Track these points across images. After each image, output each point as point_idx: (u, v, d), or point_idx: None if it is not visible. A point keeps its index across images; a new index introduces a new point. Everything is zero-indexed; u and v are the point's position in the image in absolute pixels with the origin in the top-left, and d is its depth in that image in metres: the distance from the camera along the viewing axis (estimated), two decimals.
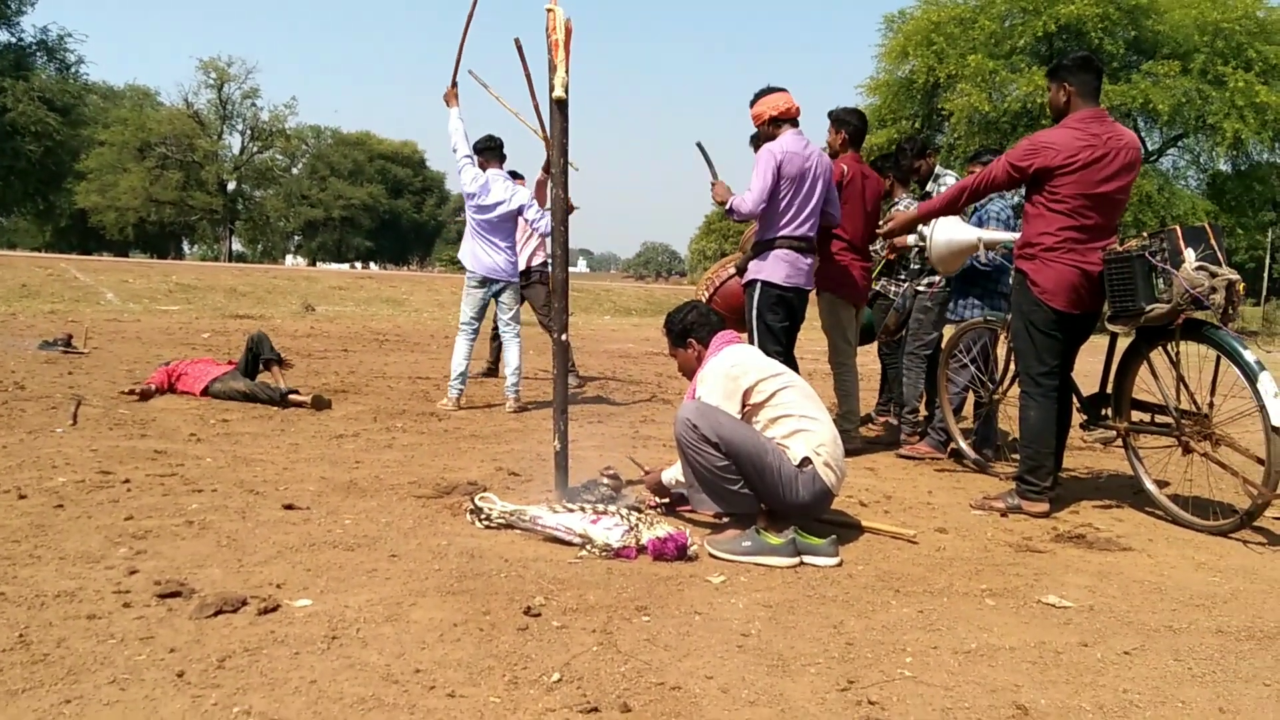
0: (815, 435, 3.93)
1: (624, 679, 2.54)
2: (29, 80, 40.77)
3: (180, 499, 4.20)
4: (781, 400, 3.99)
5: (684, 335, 4.39)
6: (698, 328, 4.36)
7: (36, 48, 43.50)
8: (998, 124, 30.56)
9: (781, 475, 3.85)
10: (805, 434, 3.92)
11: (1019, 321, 4.77)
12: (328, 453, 5.40)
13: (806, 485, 3.86)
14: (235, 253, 66.40)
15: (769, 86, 5.77)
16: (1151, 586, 3.63)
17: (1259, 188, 32.82)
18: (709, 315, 4.41)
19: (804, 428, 3.93)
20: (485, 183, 7.32)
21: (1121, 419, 4.88)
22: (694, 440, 3.86)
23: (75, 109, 44.16)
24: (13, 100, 39.42)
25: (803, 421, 3.95)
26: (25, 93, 39.98)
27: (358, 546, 3.61)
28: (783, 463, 3.86)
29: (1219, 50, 29.66)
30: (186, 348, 10.60)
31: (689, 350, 4.38)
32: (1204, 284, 4.23)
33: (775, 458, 3.85)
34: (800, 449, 3.89)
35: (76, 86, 45.21)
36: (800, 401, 4.01)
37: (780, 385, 4.02)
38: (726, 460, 3.82)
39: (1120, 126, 4.65)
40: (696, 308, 4.48)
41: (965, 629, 3.06)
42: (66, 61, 44.81)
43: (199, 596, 2.96)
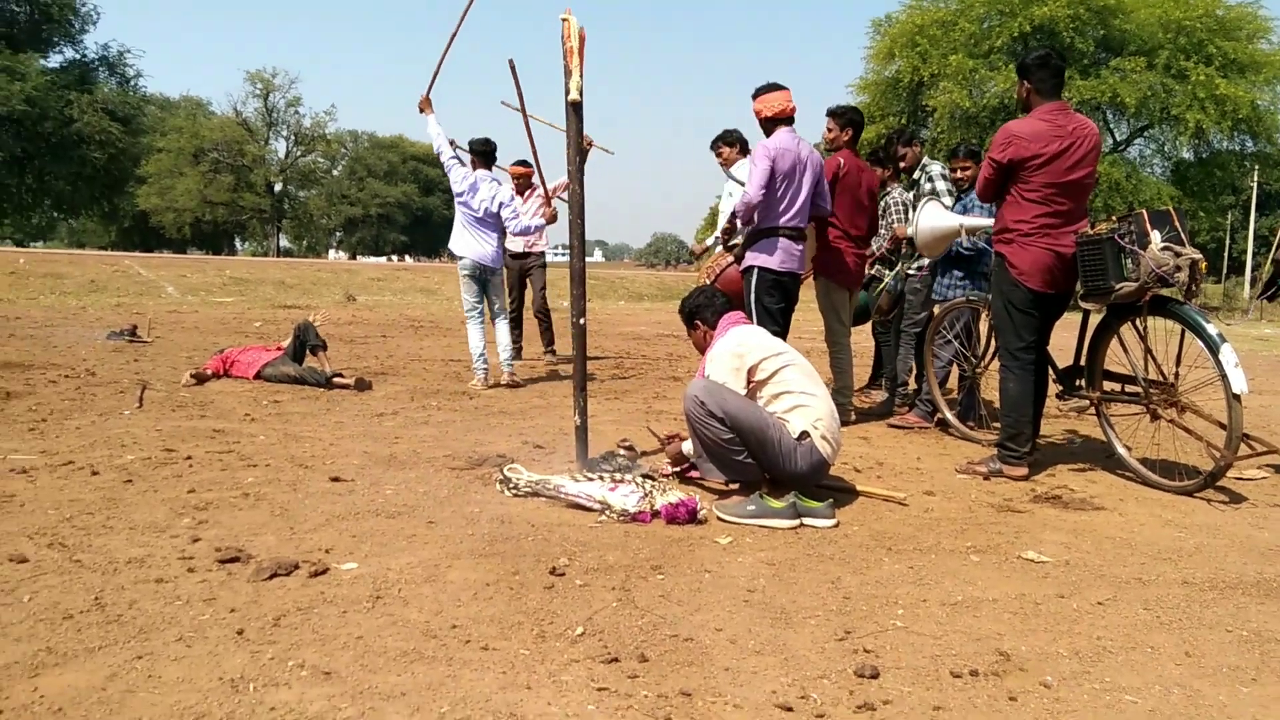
0: (813, 410, 3.91)
1: (641, 632, 2.55)
2: (93, 93, 40.78)
3: (237, 473, 4.22)
4: (783, 377, 3.97)
5: (692, 317, 4.41)
6: (703, 310, 4.36)
7: (99, 63, 43.50)
8: (977, 119, 30.30)
9: (782, 447, 3.84)
10: (804, 409, 3.91)
11: (998, 301, 4.74)
12: (370, 429, 5.42)
13: (805, 456, 3.86)
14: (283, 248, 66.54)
15: (772, 84, 5.72)
16: (1122, 542, 3.62)
17: (1219, 174, 32.49)
18: (714, 298, 4.41)
19: (803, 403, 3.92)
20: (474, 182, 7.36)
21: (1094, 389, 4.85)
22: (701, 415, 3.85)
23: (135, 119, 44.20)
24: (78, 112, 39.44)
25: (802, 397, 3.93)
26: (90, 105, 40.00)
27: (398, 514, 3.63)
28: (783, 436, 3.85)
29: (1182, 46, 29.29)
30: (240, 336, 10.63)
31: (698, 331, 4.39)
32: (1169, 263, 4.20)
33: (776, 431, 3.85)
34: (799, 423, 3.87)
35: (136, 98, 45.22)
36: (800, 379, 3.99)
37: (782, 364, 4.00)
38: (731, 433, 3.81)
39: (1082, 117, 4.62)
40: (703, 292, 4.47)
41: (952, 583, 3.06)
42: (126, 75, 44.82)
43: (255, 561, 2.98)
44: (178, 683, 2.17)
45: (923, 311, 6.34)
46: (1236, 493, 4.52)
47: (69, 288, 17.28)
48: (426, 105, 7.22)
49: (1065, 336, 5.15)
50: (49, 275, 18.41)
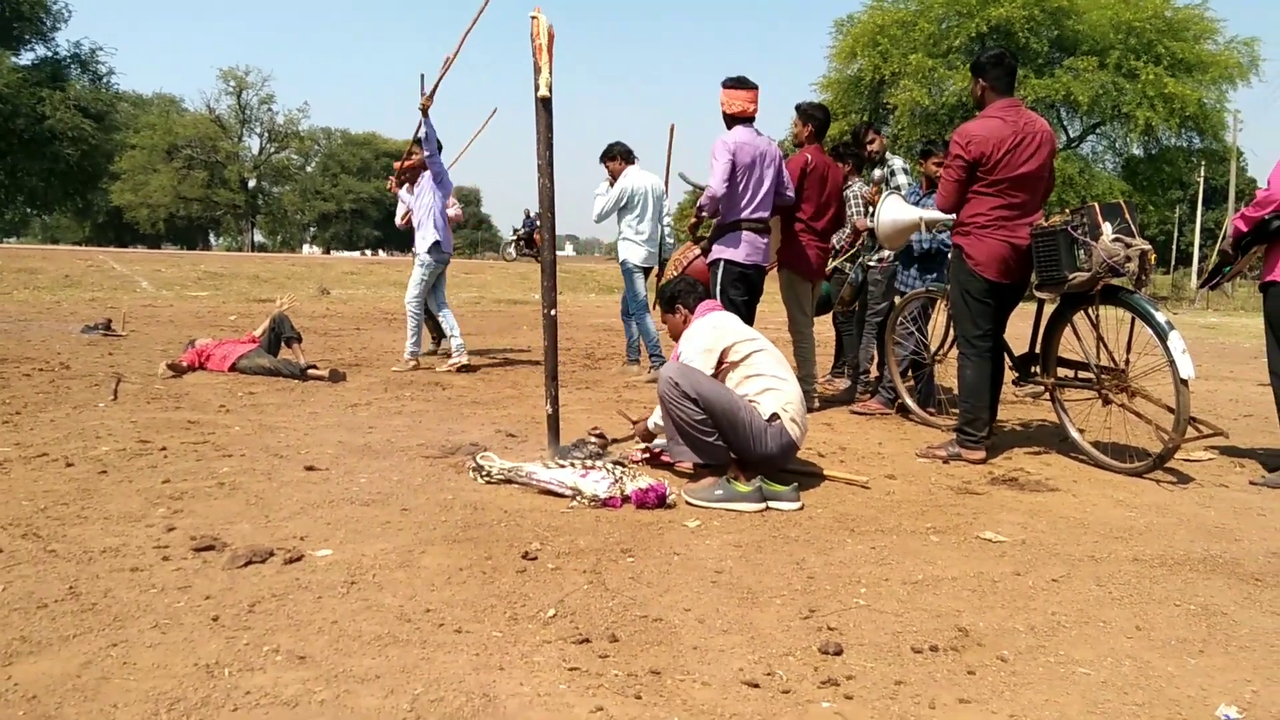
0: (783, 394, 3.94)
1: (611, 613, 2.55)
2: (65, 90, 39.95)
3: (212, 463, 4.17)
4: (754, 362, 4.01)
5: (672, 301, 4.44)
6: (684, 295, 4.42)
7: (71, 60, 42.61)
8: (937, 116, 30.54)
9: (753, 429, 3.86)
10: (774, 392, 3.93)
11: (956, 291, 4.77)
12: (344, 419, 5.37)
13: (774, 438, 3.88)
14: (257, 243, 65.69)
15: (743, 79, 5.71)
16: (1076, 522, 3.67)
17: (1168, 169, 32.99)
18: (695, 285, 4.48)
19: (773, 386, 3.95)
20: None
21: (1049, 375, 4.90)
22: (675, 396, 3.87)
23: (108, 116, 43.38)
24: (51, 109, 38.65)
25: (773, 381, 3.96)
26: (62, 102, 39.21)
27: (372, 502, 3.60)
28: (754, 417, 3.87)
29: (1132, 46, 29.66)
30: (215, 329, 10.49)
31: (677, 315, 4.43)
32: (1120, 254, 4.25)
33: (747, 413, 3.87)
34: (770, 405, 3.90)
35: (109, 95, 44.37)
36: (771, 363, 4.03)
37: (754, 349, 4.04)
38: (704, 414, 3.83)
39: (1032, 113, 4.67)
40: (685, 280, 4.54)
41: (912, 562, 3.08)
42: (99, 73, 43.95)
43: (231, 549, 2.95)
44: (152, 669, 2.14)
45: (884, 302, 6.38)
46: (1184, 473, 4.59)
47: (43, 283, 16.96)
48: (429, 104, 7.15)
49: (1021, 325, 5.20)
50: (22, 270, 18.06)
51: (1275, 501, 4.12)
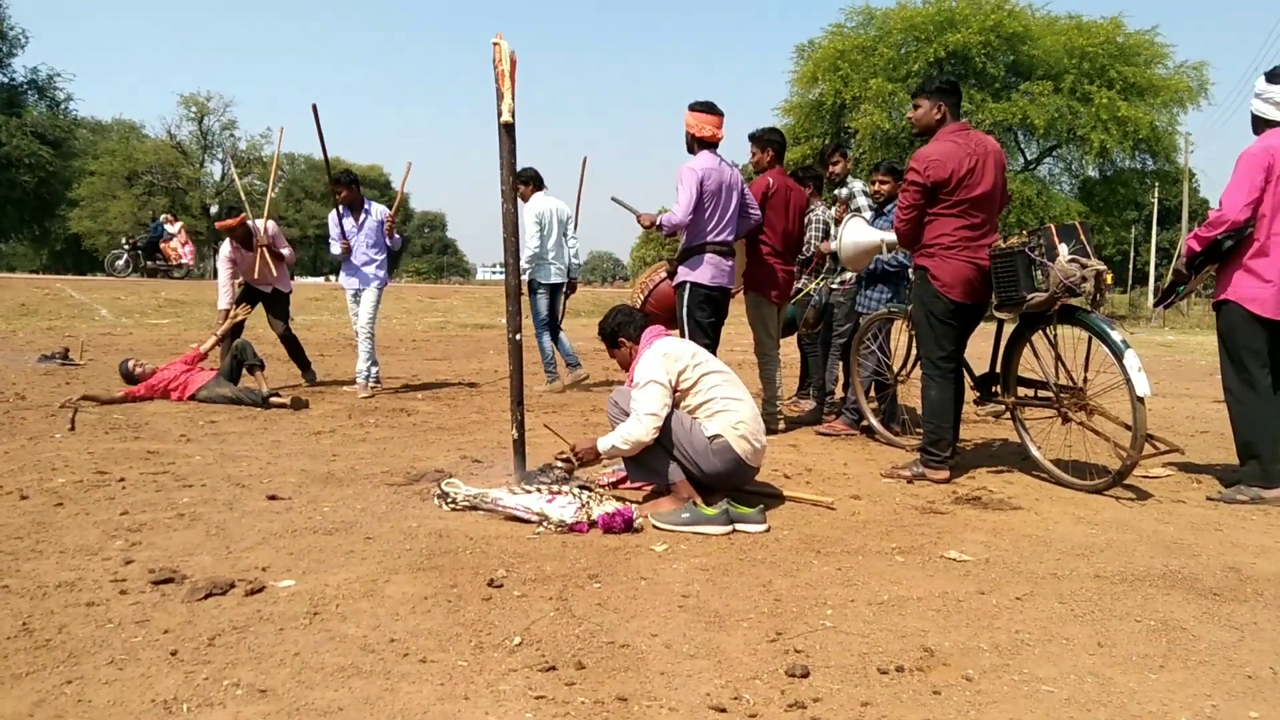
0: (734, 414, 3.94)
1: (578, 640, 2.53)
2: (22, 117, 39.41)
3: (172, 494, 4.10)
4: (704, 385, 4.01)
5: (614, 336, 4.39)
6: (625, 326, 4.37)
7: (28, 87, 42.06)
8: (897, 139, 30.97)
9: (694, 446, 3.88)
10: (725, 414, 3.93)
11: (920, 311, 4.81)
12: (307, 448, 5.31)
13: (719, 454, 3.87)
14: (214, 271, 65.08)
15: (710, 104, 5.76)
16: (1039, 540, 3.70)
17: (1123, 191, 33.68)
18: (633, 314, 4.42)
19: (725, 408, 3.94)
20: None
21: (1009, 395, 4.96)
22: (619, 416, 3.99)
23: (66, 142, 42.84)
24: (6, 135, 38.08)
25: (725, 403, 3.96)
26: (19, 128, 38.66)
27: (336, 531, 3.56)
28: (694, 436, 3.89)
29: (1085, 71, 30.34)
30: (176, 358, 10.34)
31: (623, 349, 4.37)
32: (1076, 274, 4.32)
33: (685, 432, 3.89)
34: (715, 426, 3.90)
35: (67, 121, 43.85)
36: (722, 384, 4.02)
37: (703, 372, 4.03)
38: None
39: (981, 134, 4.75)
40: (620, 310, 4.47)
41: (878, 583, 3.10)
42: (56, 99, 43.43)
43: (190, 581, 2.90)
44: (108, 706, 2.09)
45: (847, 323, 6.43)
46: (1143, 490, 4.65)
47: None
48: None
49: (980, 345, 5.27)
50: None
51: (1232, 517, 4.19)
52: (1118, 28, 30.92)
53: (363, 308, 7.74)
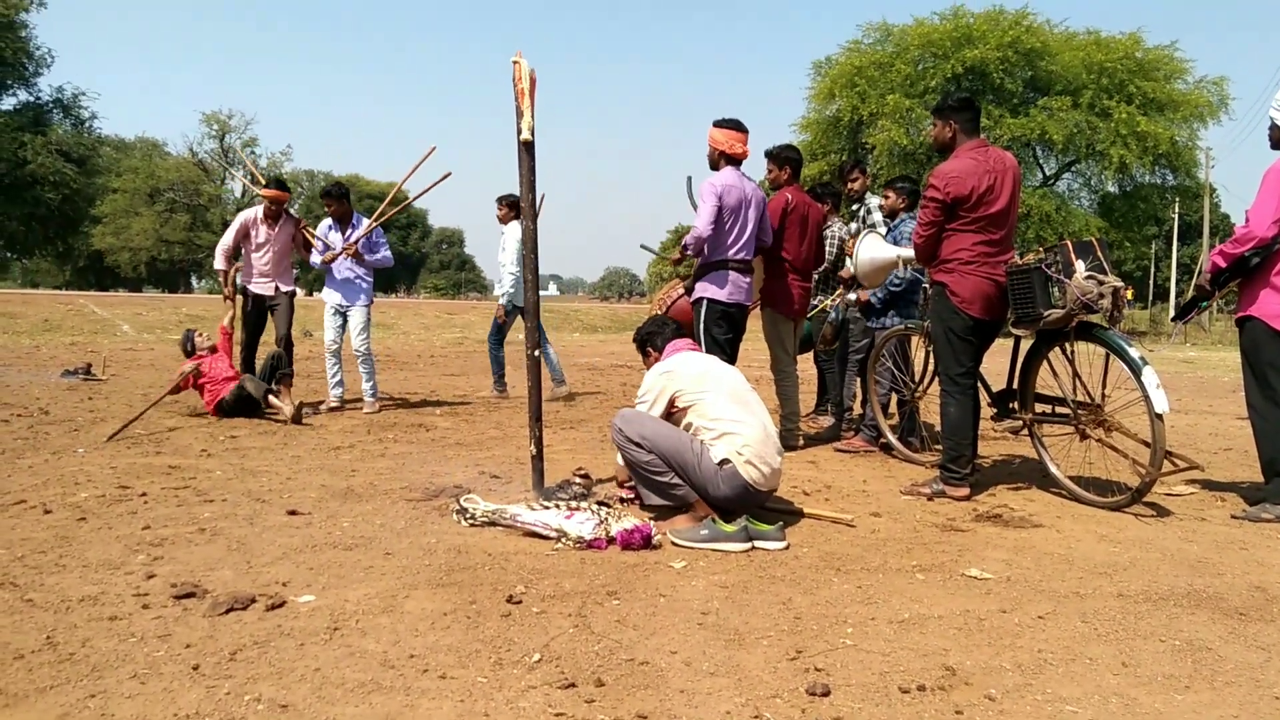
0: (740, 437, 3.88)
1: (597, 657, 2.53)
2: (47, 135, 39.96)
3: (193, 509, 4.13)
4: (704, 409, 3.97)
5: (643, 345, 4.48)
6: (654, 337, 4.45)
7: (53, 105, 42.64)
8: (915, 155, 30.94)
9: (702, 471, 3.86)
10: (730, 436, 3.88)
11: (939, 328, 4.80)
12: (326, 463, 5.34)
13: (727, 481, 3.84)
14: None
15: (736, 121, 5.79)
16: (1060, 558, 3.68)
17: (1143, 206, 33.45)
18: (665, 326, 4.47)
19: (730, 430, 3.89)
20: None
21: (1026, 411, 4.94)
22: (623, 441, 3.98)
23: (90, 160, 43.37)
24: (32, 153, 38.61)
25: (729, 425, 3.90)
26: (44, 146, 39.20)
27: (355, 546, 3.57)
28: (702, 460, 3.86)
29: (1104, 86, 30.22)
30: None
31: (650, 358, 4.43)
32: (1093, 291, 4.30)
33: (695, 456, 3.87)
34: (722, 451, 3.86)
35: (90, 140, 44.40)
36: (727, 406, 3.96)
37: (701, 394, 4.00)
38: (651, 455, 3.89)
39: (999, 150, 4.75)
40: (654, 320, 4.55)
41: (899, 601, 3.08)
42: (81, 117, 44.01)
43: (211, 596, 2.92)
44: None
45: (864, 339, 6.42)
46: (1166, 508, 4.61)
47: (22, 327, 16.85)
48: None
49: (998, 361, 5.24)
50: (2, 315, 17.95)
51: (1257, 535, 4.15)
52: (1136, 43, 30.82)
53: (354, 329, 7.78)
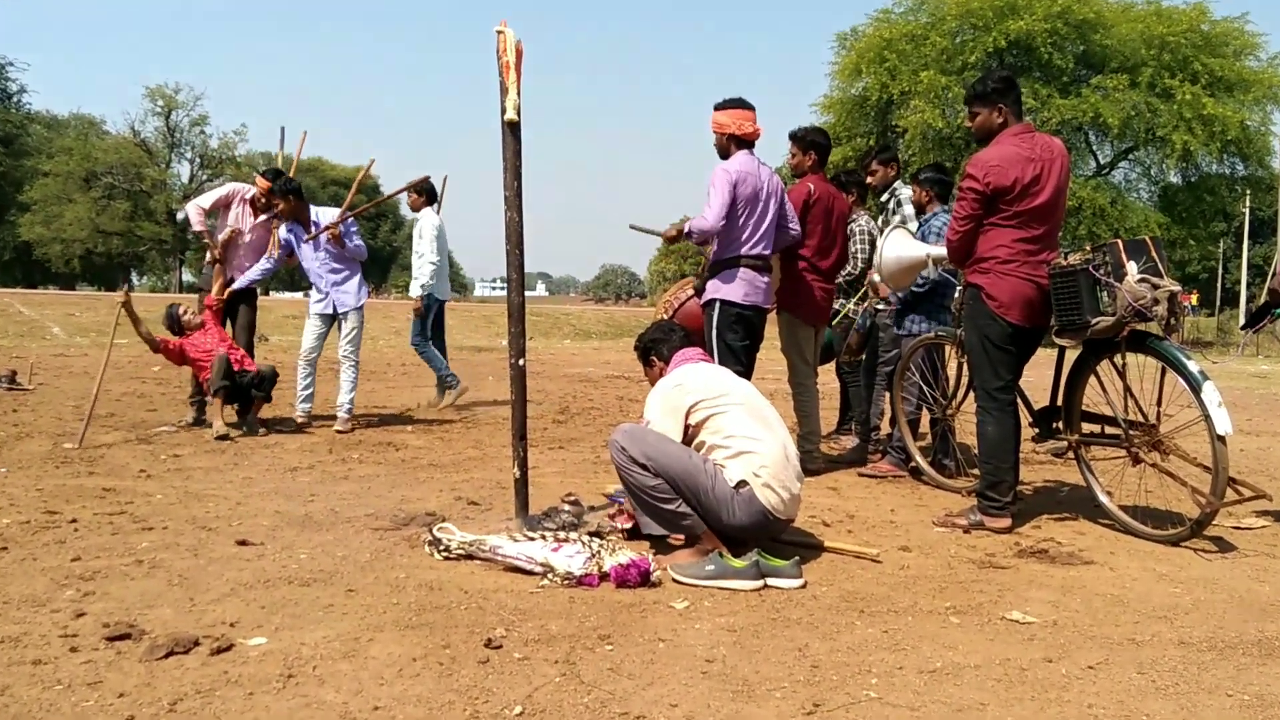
0: (758, 457, 3.88)
1: (587, 710, 2.53)
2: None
3: (130, 538, 4.13)
4: (718, 425, 3.96)
5: (646, 354, 4.47)
6: (658, 345, 4.43)
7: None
8: (951, 140, 31.00)
9: (716, 495, 3.85)
10: (747, 455, 3.88)
11: (973, 336, 4.80)
12: (282, 486, 5.34)
13: (743, 506, 3.84)
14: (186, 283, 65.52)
15: (738, 99, 5.79)
16: (1114, 599, 3.67)
17: (1209, 199, 33.45)
18: (671, 333, 4.45)
19: (746, 449, 3.90)
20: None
21: (1072, 431, 4.94)
22: (625, 462, 3.93)
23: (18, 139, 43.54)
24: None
25: (746, 443, 3.91)
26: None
27: (313, 581, 3.57)
28: (716, 483, 3.85)
29: (1166, 63, 30.29)
30: (136, 381, 10.45)
31: (654, 369, 4.42)
32: (1146, 296, 4.29)
33: (708, 478, 3.86)
34: (738, 471, 3.86)
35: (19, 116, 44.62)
36: (744, 422, 3.97)
37: (718, 409, 3.99)
38: (658, 480, 3.86)
39: (1046, 136, 4.76)
40: (659, 327, 4.53)
41: (930, 648, 3.08)
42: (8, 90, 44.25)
43: (149, 638, 2.91)
44: None
45: (893, 349, 6.41)
46: (1233, 543, 4.61)
47: None
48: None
49: (1042, 374, 5.24)
50: None
51: None
52: (1203, 14, 30.90)
53: (346, 334, 7.82)
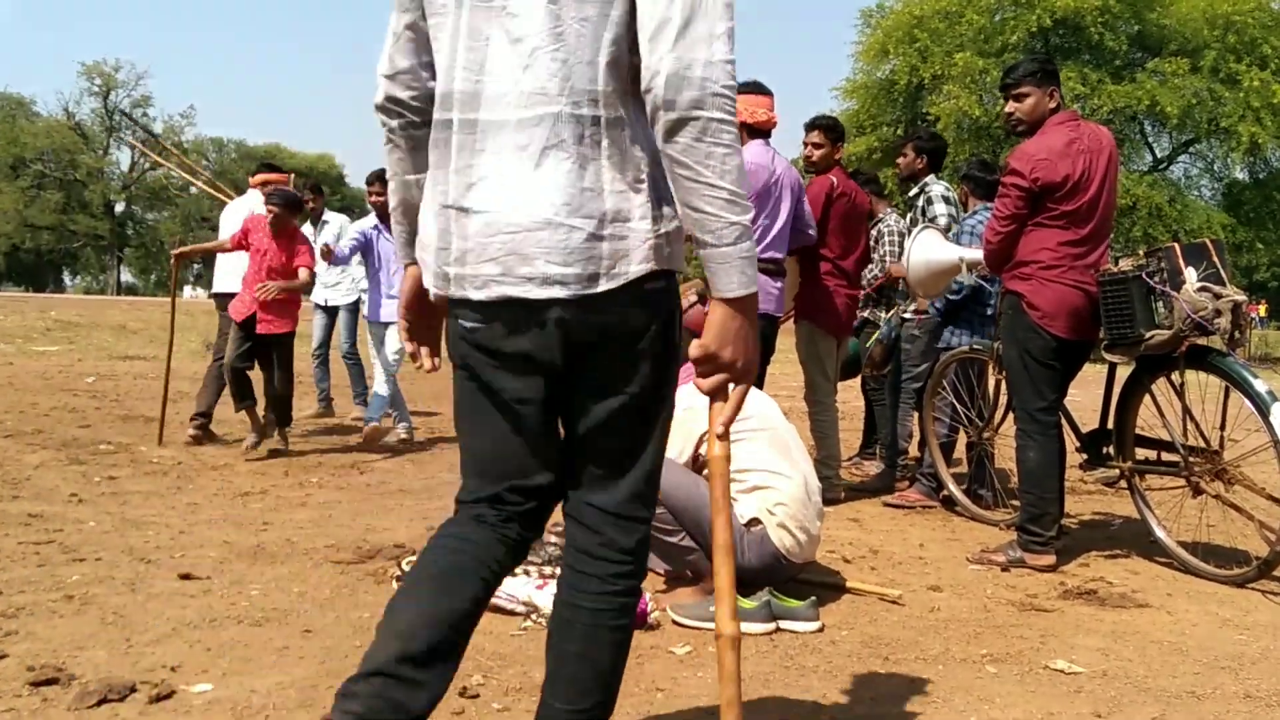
0: (775, 493, 3.89)
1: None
2: None
3: (58, 570, 4.12)
4: (734, 454, 3.90)
5: None
6: None
7: None
8: (989, 130, 30.98)
9: None
10: (763, 491, 3.89)
11: (1013, 350, 4.81)
12: (231, 513, 5.34)
13: (753, 547, 3.83)
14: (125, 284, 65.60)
15: (755, 83, 5.80)
16: (1171, 647, 3.67)
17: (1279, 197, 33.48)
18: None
19: (763, 484, 3.90)
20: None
21: (1124, 458, 4.94)
22: None
23: None
24: None
25: (763, 477, 3.92)
26: None
27: (266, 621, 3.56)
28: None
29: (1231, 46, 30.28)
30: (68, 394, 10.43)
31: None
32: (1207, 306, 4.28)
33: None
34: (751, 508, 3.86)
35: None
36: (763, 453, 3.97)
37: (735, 436, 3.92)
38: (660, 509, 3.83)
39: (1093, 124, 4.78)
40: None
41: (963, 700, 3.08)
42: None
43: (79, 684, 2.90)
44: None
45: (923, 363, 6.41)
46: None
47: None
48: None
49: (1091, 393, 5.25)
50: None
51: None
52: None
53: (391, 346, 8.05)
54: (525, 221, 1.80)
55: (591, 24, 1.78)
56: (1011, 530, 5.08)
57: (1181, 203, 31.57)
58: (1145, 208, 29.80)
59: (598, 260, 1.80)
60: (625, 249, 1.82)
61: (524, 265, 1.80)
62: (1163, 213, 30.13)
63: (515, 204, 1.81)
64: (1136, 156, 33.96)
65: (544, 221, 1.79)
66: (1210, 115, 30.58)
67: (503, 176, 1.83)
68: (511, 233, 1.80)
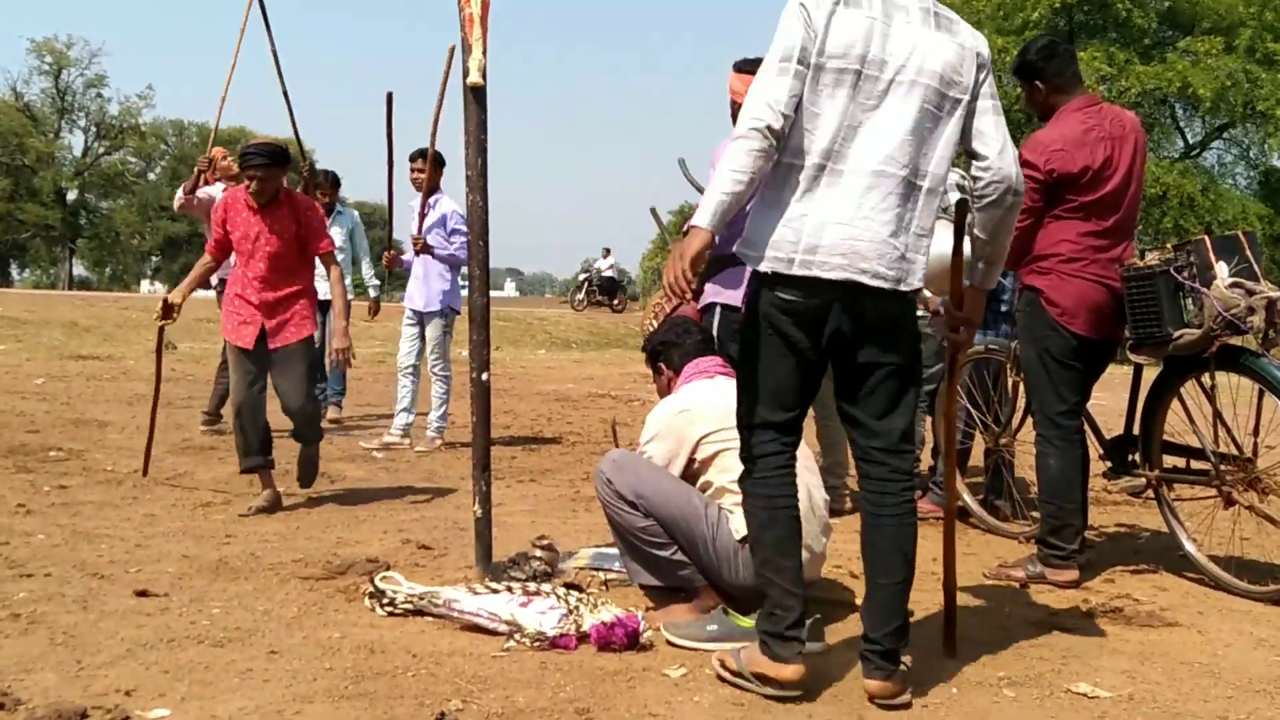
0: None
1: None
2: None
3: (4, 586, 4.11)
4: (732, 463, 3.78)
5: (655, 357, 4.42)
6: (668, 349, 4.37)
7: None
8: (1009, 113, 30.94)
9: (717, 547, 3.83)
10: None
11: (1031, 350, 4.81)
12: (191, 525, 5.33)
13: (749, 565, 3.73)
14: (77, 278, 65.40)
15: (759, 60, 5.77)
16: (1203, 669, 3.68)
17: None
18: (686, 335, 4.38)
19: None
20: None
21: (1151, 466, 4.93)
22: (610, 498, 3.94)
23: None
24: None
25: None
26: None
27: (228, 641, 3.56)
28: (719, 534, 3.83)
29: (1269, 24, 30.32)
30: (15, 397, 10.41)
31: (662, 377, 4.38)
32: (1240, 304, 4.28)
33: (710, 527, 3.84)
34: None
35: None
36: None
37: (730, 444, 3.85)
38: (649, 521, 3.85)
39: (1116, 108, 4.79)
40: (675, 326, 4.48)
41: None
42: None
43: (25, 709, 2.91)
44: None
45: (936, 365, 6.41)
46: None
47: None
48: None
49: (1116, 396, 5.26)
50: None
51: None
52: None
53: (430, 342, 8.42)
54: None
55: None
56: (1031, 544, 5.08)
57: (1215, 192, 31.55)
58: (1176, 197, 29.79)
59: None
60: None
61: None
62: (1195, 203, 30.12)
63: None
64: (1167, 142, 33.97)
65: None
66: (1246, 98, 30.59)
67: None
68: None
